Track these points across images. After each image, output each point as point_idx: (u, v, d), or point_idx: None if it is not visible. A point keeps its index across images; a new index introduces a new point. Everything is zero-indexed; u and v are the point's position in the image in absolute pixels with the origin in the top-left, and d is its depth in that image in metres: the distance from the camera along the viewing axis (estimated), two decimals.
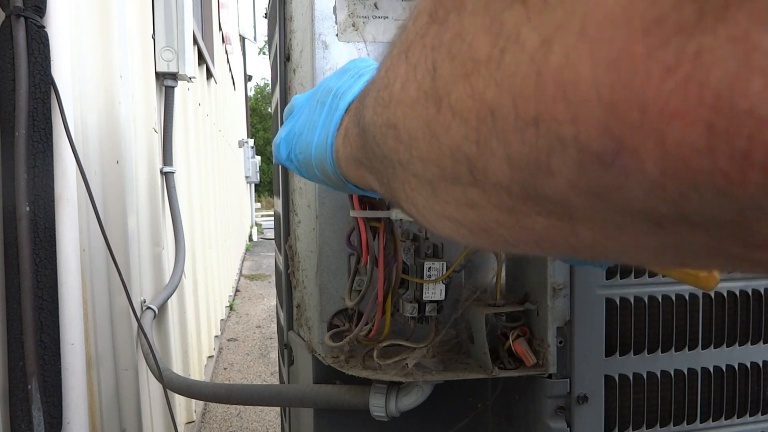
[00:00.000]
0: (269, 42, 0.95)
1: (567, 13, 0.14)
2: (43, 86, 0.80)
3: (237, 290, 4.92)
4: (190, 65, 1.60)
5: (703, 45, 0.12)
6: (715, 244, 0.15)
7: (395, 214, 0.54)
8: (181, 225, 1.60)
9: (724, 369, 0.66)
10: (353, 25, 0.61)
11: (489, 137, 0.17)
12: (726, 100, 0.11)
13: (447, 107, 0.19)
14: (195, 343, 2.26)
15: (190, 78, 1.63)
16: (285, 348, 0.81)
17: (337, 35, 0.61)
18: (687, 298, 0.65)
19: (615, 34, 0.13)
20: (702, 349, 0.66)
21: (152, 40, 1.50)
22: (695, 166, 0.13)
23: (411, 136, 0.22)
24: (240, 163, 6.78)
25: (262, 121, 18.29)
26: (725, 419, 0.67)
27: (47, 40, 0.82)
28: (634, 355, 0.64)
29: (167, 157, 1.60)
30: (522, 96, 0.16)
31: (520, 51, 0.16)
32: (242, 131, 7.65)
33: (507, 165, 0.17)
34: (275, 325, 2.28)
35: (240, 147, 6.76)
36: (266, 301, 4.58)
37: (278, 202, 0.87)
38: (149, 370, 1.13)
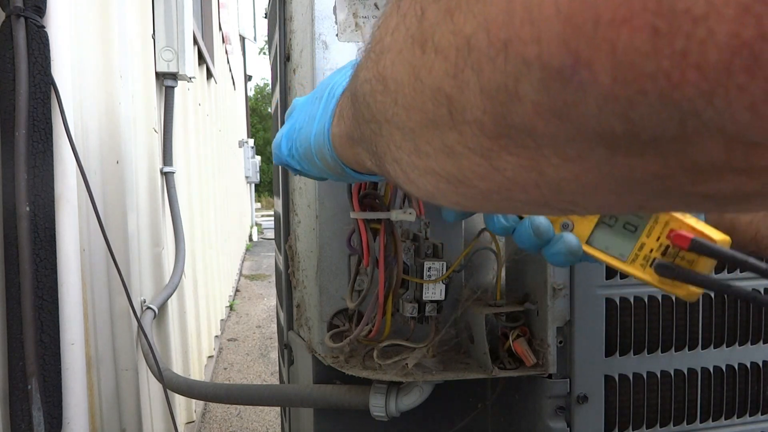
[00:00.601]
0: (269, 42, 0.95)
1: None
2: (43, 86, 0.80)
3: (237, 290, 4.92)
4: (190, 65, 1.60)
5: None
6: (665, 173, 0.16)
7: (395, 216, 0.54)
8: (181, 225, 1.60)
9: (724, 369, 0.66)
10: (354, 25, 0.61)
11: (464, 68, 0.18)
12: (667, 3, 0.12)
13: (431, 47, 0.20)
14: (195, 343, 2.26)
15: (190, 78, 1.63)
16: (285, 348, 0.81)
17: (337, 35, 0.61)
18: None
19: None
20: (702, 349, 0.66)
21: (152, 40, 1.49)
22: (642, 70, 0.13)
23: (397, 82, 0.23)
24: (240, 163, 6.78)
25: (262, 121, 18.30)
26: (725, 419, 0.67)
27: (47, 40, 0.82)
28: (634, 355, 0.64)
29: (167, 157, 1.60)
30: (495, 23, 0.16)
31: None
32: (242, 131, 7.65)
33: (480, 95, 0.18)
34: (275, 325, 2.28)
35: (240, 147, 6.76)
36: (266, 301, 4.58)
37: (278, 202, 0.87)
38: (149, 370, 1.13)
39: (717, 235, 0.41)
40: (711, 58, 0.12)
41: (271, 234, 8.44)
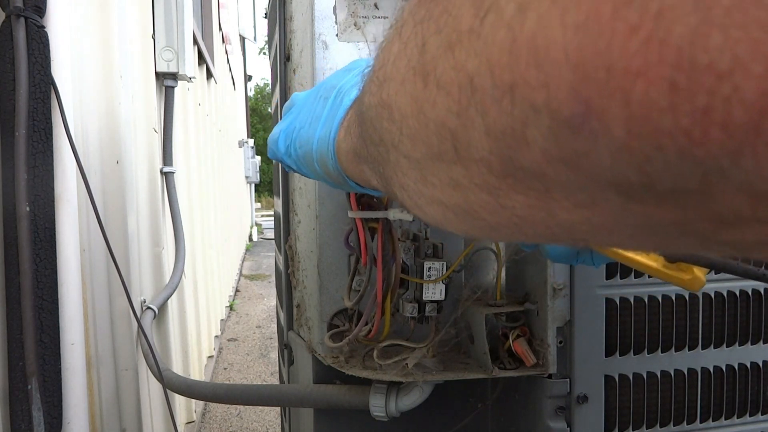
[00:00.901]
0: (269, 42, 0.95)
1: None
2: (43, 86, 0.80)
3: (237, 290, 4.92)
4: (190, 65, 1.60)
5: (664, 2, 0.12)
6: (684, 221, 0.15)
7: (393, 215, 0.54)
8: (181, 225, 1.60)
9: (724, 369, 0.66)
10: (353, 25, 0.61)
11: (468, 107, 0.18)
12: (687, 57, 0.11)
13: (433, 81, 0.19)
14: (195, 343, 2.26)
15: (190, 78, 1.63)
16: (285, 348, 0.81)
17: (337, 35, 0.61)
18: (687, 298, 0.65)
19: None
20: (702, 349, 0.66)
21: (152, 40, 1.49)
22: (658, 126, 0.13)
23: (401, 113, 0.22)
24: (240, 163, 6.78)
25: (262, 121, 18.29)
26: (725, 419, 0.67)
27: (47, 40, 0.81)
28: (634, 355, 0.64)
29: (167, 157, 1.60)
30: (498, 64, 0.16)
31: (499, 19, 0.16)
32: (242, 131, 7.64)
33: (486, 137, 0.18)
34: (275, 325, 2.28)
35: (240, 147, 6.76)
36: (266, 301, 4.58)
37: (278, 202, 0.87)
38: (149, 370, 1.13)
39: None
40: (737, 117, 0.11)
41: (271, 234, 8.44)
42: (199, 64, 2.68)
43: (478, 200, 0.21)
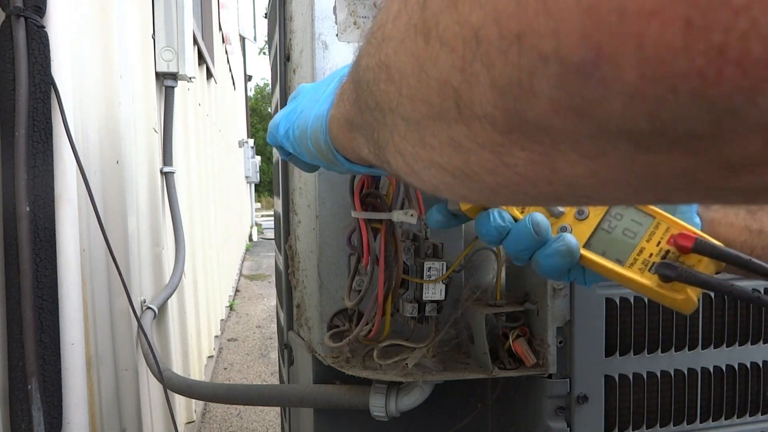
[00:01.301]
0: (269, 42, 0.95)
1: None
2: (43, 86, 0.80)
3: (237, 290, 4.92)
4: (190, 65, 1.60)
5: None
6: (693, 169, 0.15)
7: (396, 216, 0.54)
8: (181, 225, 1.60)
9: (724, 369, 0.66)
10: (353, 25, 0.61)
11: (473, 61, 0.17)
12: None
13: (435, 38, 0.19)
14: (195, 343, 2.26)
15: (190, 78, 1.63)
16: (285, 348, 0.81)
17: (337, 35, 0.61)
18: None
19: None
20: (702, 349, 0.66)
21: (152, 40, 1.49)
22: (672, 67, 0.12)
23: (401, 72, 0.22)
24: (240, 163, 6.78)
25: (262, 121, 18.29)
26: (725, 419, 0.67)
27: (47, 40, 0.81)
28: (634, 355, 0.64)
29: (167, 157, 1.60)
30: (505, 14, 0.15)
31: None
32: (242, 131, 7.65)
33: (491, 90, 0.17)
34: (275, 325, 2.28)
35: (240, 147, 6.76)
36: (266, 301, 4.58)
37: (278, 202, 0.87)
38: (149, 370, 1.13)
39: (717, 243, 0.41)
40: (754, 53, 0.11)
41: (271, 234, 8.44)
42: (199, 64, 2.68)
43: (479, 160, 0.20)
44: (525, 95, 0.16)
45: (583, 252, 0.43)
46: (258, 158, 8.37)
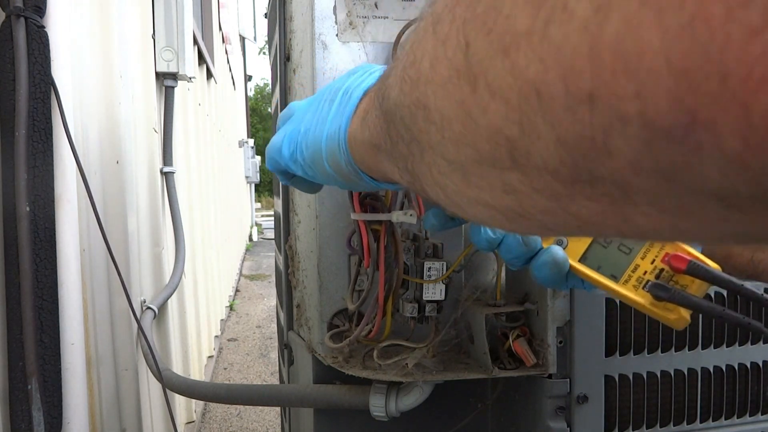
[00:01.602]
0: (269, 42, 0.95)
1: None
2: (43, 86, 0.80)
3: (237, 290, 4.92)
4: (190, 65, 1.60)
5: None
6: None
7: (396, 217, 0.54)
8: (181, 225, 1.60)
9: (724, 369, 0.66)
10: (353, 24, 0.61)
11: (534, 118, 0.16)
12: None
13: (484, 86, 0.18)
14: (195, 343, 2.26)
15: (190, 78, 1.63)
16: (285, 348, 0.81)
17: (337, 35, 0.61)
18: None
19: None
20: (702, 349, 0.66)
21: (152, 40, 1.49)
22: None
23: (443, 116, 0.21)
24: (240, 163, 6.78)
25: (262, 121, 18.30)
26: (725, 419, 0.67)
27: (47, 40, 0.81)
28: (634, 355, 0.64)
29: (167, 157, 1.60)
30: (573, 71, 0.14)
31: (568, 21, 0.14)
32: (242, 131, 7.64)
33: (555, 147, 0.16)
34: (275, 325, 2.28)
35: (240, 147, 6.76)
36: (266, 301, 4.58)
37: (278, 202, 0.87)
38: (149, 370, 1.13)
39: (711, 264, 0.41)
40: None
41: (271, 234, 8.44)
42: (199, 64, 2.68)
43: (536, 204, 0.19)
44: (597, 153, 0.15)
45: (578, 266, 0.44)
46: (258, 158, 8.37)
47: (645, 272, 0.42)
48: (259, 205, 14.56)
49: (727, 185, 0.13)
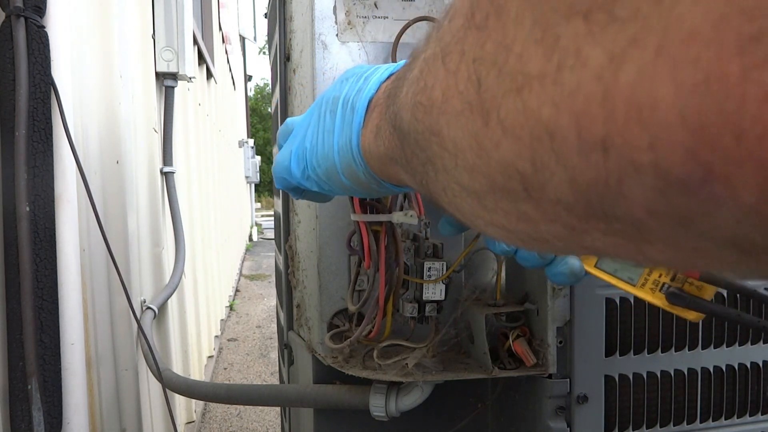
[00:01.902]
0: (269, 42, 0.95)
1: (641, 29, 0.13)
2: (43, 86, 0.80)
3: (237, 290, 4.92)
4: (190, 65, 1.60)
5: None
6: None
7: (397, 218, 0.54)
8: (181, 225, 1.60)
9: (724, 369, 0.66)
10: (352, 24, 0.61)
11: (547, 158, 0.16)
12: None
13: (496, 122, 0.18)
14: (195, 343, 2.26)
15: (190, 78, 1.63)
16: (285, 348, 0.81)
17: (337, 35, 0.61)
18: None
19: (702, 53, 0.12)
20: (702, 349, 0.66)
21: (152, 40, 1.49)
22: None
23: (457, 146, 0.20)
24: (240, 163, 6.78)
25: (262, 121, 18.30)
26: (725, 419, 0.67)
27: (47, 40, 0.81)
28: (634, 355, 0.64)
29: (167, 157, 1.60)
30: (586, 117, 0.14)
31: (582, 68, 0.14)
32: (242, 131, 7.65)
33: (569, 186, 0.16)
34: (275, 325, 2.28)
35: (240, 147, 6.76)
36: (266, 301, 4.58)
37: (278, 202, 0.87)
38: (149, 370, 1.13)
39: None
40: None
41: (271, 234, 8.44)
42: (199, 64, 2.68)
43: (551, 231, 0.19)
44: (612, 196, 0.15)
45: (595, 271, 0.46)
46: (258, 158, 8.37)
47: (660, 275, 0.44)
48: (259, 205, 14.56)
49: (742, 235, 0.13)
